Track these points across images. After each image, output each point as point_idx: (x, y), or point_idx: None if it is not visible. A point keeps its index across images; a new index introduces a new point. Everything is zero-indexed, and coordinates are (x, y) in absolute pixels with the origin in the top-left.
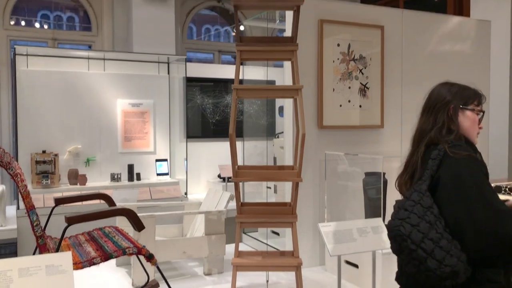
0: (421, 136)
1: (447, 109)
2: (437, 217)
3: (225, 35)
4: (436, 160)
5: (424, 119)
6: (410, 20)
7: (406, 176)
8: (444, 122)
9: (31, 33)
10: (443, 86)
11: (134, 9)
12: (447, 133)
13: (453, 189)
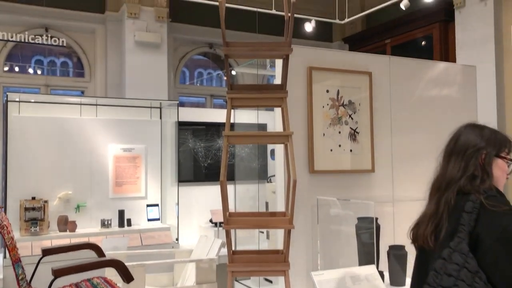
0: (448, 184)
1: (479, 156)
2: (486, 284)
3: (218, 79)
4: (472, 214)
5: (452, 165)
6: (397, 67)
7: (429, 227)
8: (476, 170)
9: (24, 80)
10: (473, 129)
11: (127, 55)
12: (480, 183)
13: (502, 252)
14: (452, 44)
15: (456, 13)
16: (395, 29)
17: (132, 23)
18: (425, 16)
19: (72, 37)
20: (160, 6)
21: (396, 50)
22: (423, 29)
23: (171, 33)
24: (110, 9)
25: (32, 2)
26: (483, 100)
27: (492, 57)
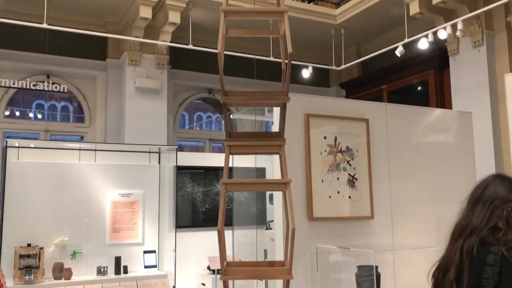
0: (471, 232)
1: (505, 209)
2: None
3: (217, 123)
4: (495, 267)
5: (477, 213)
6: (393, 113)
7: (452, 275)
8: (500, 222)
9: (25, 125)
10: (502, 181)
11: (127, 101)
12: (503, 235)
13: None
14: (448, 90)
15: (450, 59)
16: (391, 75)
17: (132, 70)
18: (420, 63)
19: (73, 83)
20: (160, 53)
21: (393, 95)
22: (419, 75)
23: (171, 79)
24: (111, 56)
25: (35, 50)
26: (480, 146)
27: (487, 103)
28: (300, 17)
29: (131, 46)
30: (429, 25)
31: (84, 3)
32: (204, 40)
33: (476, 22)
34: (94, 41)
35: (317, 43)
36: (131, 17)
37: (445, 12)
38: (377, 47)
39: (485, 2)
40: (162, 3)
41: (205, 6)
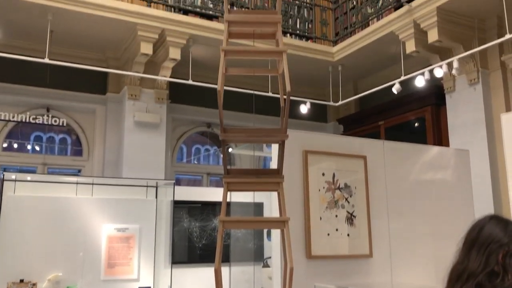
0: (468, 276)
1: (500, 253)
2: None
3: (215, 156)
4: None
5: (473, 258)
6: (391, 151)
7: None
8: (496, 266)
9: (22, 158)
10: (498, 222)
11: (126, 135)
12: (500, 280)
13: None
14: (445, 127)
15: (447, 97)
16: (388, 112)
17: (132, 104)
18: (417, 100)
19: (72, 116)
20: (160, 88)
21: (390, 132)
22: (416, 112)
23: (170, 113)
24: (111, 90)
25: (36, 84)
26: (478, 184)
27: (484, 141)
28: (298, 54)
29: (131, 81)
30: (425, 62)
31: (86, 39)
32: (204, 75)
33: (471, 61)
34: (95, 76)
35: (315, 79)
36: (132, 52)
37: (441, 50)
38: (374, 84)
39: (479, 41)
40: (163, 39)
41: (205, 43)
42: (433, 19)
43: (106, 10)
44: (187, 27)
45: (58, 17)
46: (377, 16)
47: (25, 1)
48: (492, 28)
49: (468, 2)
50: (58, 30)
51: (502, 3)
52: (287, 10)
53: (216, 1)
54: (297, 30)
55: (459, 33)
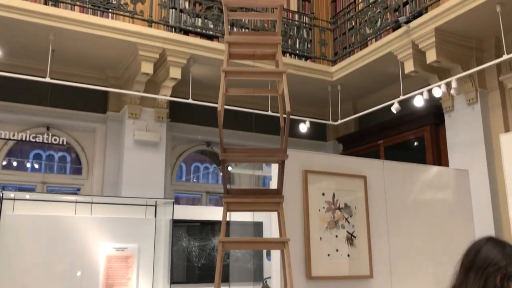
0: None
1: (498, 275)
2: None
3: (214, 175)
4: None
5: (469, 281)
6: (391, 170)
7: None
8: None
9: (21, 177)
10: (495, 245)
11: (125, 154)
12: None
13: None
14: (444, 146)
15: (445, 116)
16: (388, 131)
17: (132, 123)
18: (416, 119)
19: (72, 135)
20: (160, 107)
21: (389, 151)
22: (415, 131)
23: (170, 132)
24: (112, 109)
25: (36, 102)
26: (478, 204)
27: (484, 161)
28: (298, 74)
29: (132, 100)
30: (424, 82)
31: (87, 58)
32: (204, 94)
33: (469, 81)
34: (95, 95)
35: (314, 99)
36: (132, 72)
37: (439, 70)
38: (373, 103)
39: (477, 61)
40: (164, 59)
41: (206, 62)
42: (431, 39)
43: (108, 30)
44: (187, 47)
45: (60, 37)
46: (375, 36)
47: (28, 21)
48: (490, 48)
49: (465, 23)
50: (59, 49)
51: (499, 24)
52: (287, 31)
53: (217, 22)
54: (296, 50)
55: (457, 54)
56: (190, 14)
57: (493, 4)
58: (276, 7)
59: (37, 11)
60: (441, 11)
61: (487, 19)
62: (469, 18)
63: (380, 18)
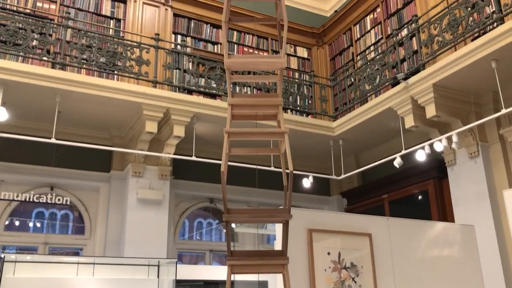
0: None
1: None
2: None
3: (217, 231)
4: None
5: None
6: (396, 227)
7: None
8: None
9: (24, 238)
10: None
11: (128, 213)
12: None
13: None
14: (448, 199)
15: (448, 170)
16: (391, 185)
17: (136, 181)
18: (419, 173)
19: (75, 194)
20: (164, 165)
21: (394, 205)
22: (419, 185)
23: (173, 189)
24: (116, 168)
25: (41, 163)
26: (487, 260)
27: (489, 216)
28: (299, 130)
29: (136, 159)
30: (425, 136)
31: (92, 118)
32: (207, 150)
33: (470, 135)
34: (100, 154)
35: (317, 153)
36: (137, 131)
37: (439, 125)
38: (375, 157)
39: (476, 115)
40: (168, 118)
41: (209, 120)
42: (430, 95)
43: (113, 91)
44: (191, 105)
45: (66, 99)
46: (375, 92)
47: (35, 85)
48: (488, 102)
49: (462, 79)
50: (65, 110)
51: (496, 79)
52: (288, 88)
53: (219, 81)
54: (297, 107)
55: (456, 108)
56: (194, 74)
57: (488, 61)
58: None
59: (44, 74)
60: (438, 68)
61: (483, 75)
62: (465, 74)
63: (378, 75)
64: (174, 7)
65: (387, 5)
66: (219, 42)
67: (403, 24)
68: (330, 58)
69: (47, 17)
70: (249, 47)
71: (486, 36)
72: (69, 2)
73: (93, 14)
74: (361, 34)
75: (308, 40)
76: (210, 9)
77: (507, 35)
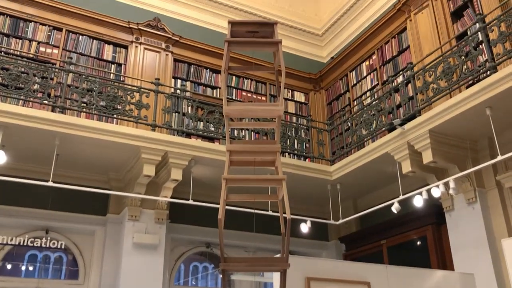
0: None
1: None
2: None
3: (213, 275)
4: None
5: None
6: (395, 276)
7: None
8: None
9: (16, 283)
10: None
11: (124, 257)
12: None
13: None
14: (447, 246)
15: (446, 216)
16: (390, 230)
17: (132, 225)
18: (417, 218)
19: (71, 238)
20: (160, 208)
21: (393, 251)
22: (417, 231)
23: (169, 233)
24: (112, 211)
25: (37, 206)
26: None
27: (489, 263)
28: (297, 173)
29: (132, 202)
30: (422, 181)
31: (90, 161)
32: (204, 194)
33: (467, 180)
34: (96, 197)
35: (315, 197)
36: (134, 174)
37: (436, 170)
38: (373, 202)
39: (473, 161)
40: (166, 161)
41: (207, 163)
42: (426, 141)
43: (112, 134)
44: (189, 149)
45: (65, 141)
46: (371, 137)
47: (35, 128)
48: (484, 148)
49: (458, 125)
50: (63, 153)
51: (491, 126)
52: (285, 132)
53: (218, 125)
54: (295, 150)
55: (452, 154)
56: (193, 118)
57: (483, 108)
58: (275, 117)
59: (44, 117)
60: (434, 114)
61: (478, 121)
62: (461, 121)
63: (375, 120)
64: (174, 53)
65: (382, 53)
66: (218, 86)
67: (398, 71)
68: (327, 102)
69: (49, 62)
70: (247, 91)
71: (480, 84)
72: (71, 47)
73: (94, 59)
74: (357, 80)
75: (305, 85)
76: (210, 55)
77: (500, 83)
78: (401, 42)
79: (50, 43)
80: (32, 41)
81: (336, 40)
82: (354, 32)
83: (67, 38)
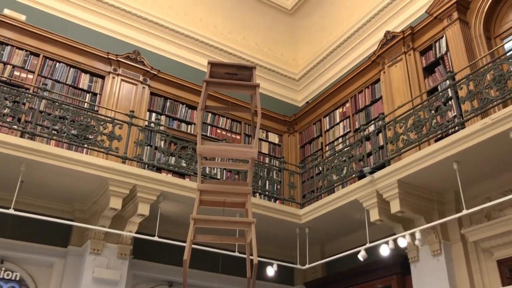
0: None
1: None
2: None
3: None
4: None
5: None
6: None
7: None
8: None
9: None
10: None
11: None
12: None
13: None
14: None
15: (411, 266)
16: (356, 278)
17: (93, 259)
18: (383, 267)
19: (27, 269)
20: (124, 243)
21: None
22: (382, 280)
23: (132, 270)
24: (74, 243)
25: None
26: None
27: None
28: (266, 215)
29: (96, 235)
30: (390, 230)
31: (55, 190)
32: (170, 230)
33: (433, 232)
34: (58, 228)
35: (282, 240)
36: (100, 206)
37: (403, 220)
38: (341, 248)
39: (439, 213)
40: (134, 195)
41: (175, 199)
42: (395, 190)
43: (81, 164)
44: (158, 184)
45: (31, 168)
46: (342, 183)
47: (1, 152)
48: (450, 201)
49: (426, 177)
50: (28, 180)
51: (457, 180)
52: (257, 172)
53: (190, 161)
54: (266, 191)
55: (419, 205)
56: (165, 152)
57: (450, 162)
58: (248, 159)
59: (11, 142)
60: (403, 165)
61: (445, 175)
62: (429, 173)
63: (345, 167)
64: (151, 86)
65: (355, 101)
66: (193, 122)
67: (370, 120)
68: (300, 145)
69: (23, 86)
70: (222, 129)
71: (448, 139)
72: (47, 73)
73: (70, 87)
74: (330, 125)
75: (280, 127)
76: (187, 91)
77: (468, 139)
78: (374, 92)
79: (26, 68)
80: (6, 64)
81: (312, 86)
82: (330, 79)
83: (44, 64)
